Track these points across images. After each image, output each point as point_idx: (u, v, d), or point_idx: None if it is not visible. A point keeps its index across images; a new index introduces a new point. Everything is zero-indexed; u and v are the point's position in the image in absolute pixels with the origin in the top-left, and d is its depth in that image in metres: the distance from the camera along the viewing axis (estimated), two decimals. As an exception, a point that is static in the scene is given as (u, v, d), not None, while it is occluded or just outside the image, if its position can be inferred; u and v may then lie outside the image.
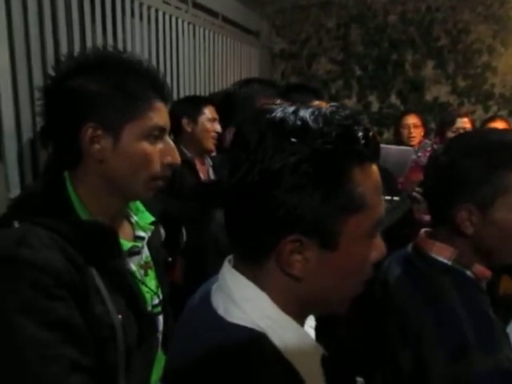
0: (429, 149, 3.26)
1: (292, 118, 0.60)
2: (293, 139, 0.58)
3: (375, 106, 4.62)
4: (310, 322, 0.82)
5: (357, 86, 4.67)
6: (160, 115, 0.90)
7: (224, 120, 1.35)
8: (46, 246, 0.79)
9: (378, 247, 0.66)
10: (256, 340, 0.60)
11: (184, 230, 1.84)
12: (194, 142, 2.34)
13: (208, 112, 2.37)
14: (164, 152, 0.91)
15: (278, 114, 0.62)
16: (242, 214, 0.62)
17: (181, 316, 0.74)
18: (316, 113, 0.60)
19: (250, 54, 4.50)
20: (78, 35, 2.25)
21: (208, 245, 1.18)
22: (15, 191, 1.95)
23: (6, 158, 1.95)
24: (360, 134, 0.59)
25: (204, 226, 1.21)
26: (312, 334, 0.81)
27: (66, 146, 0.89)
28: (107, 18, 2.46)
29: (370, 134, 0.61)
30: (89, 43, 2.29)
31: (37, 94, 0.94)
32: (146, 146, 0.88)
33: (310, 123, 0.59)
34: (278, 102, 1.23)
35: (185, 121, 2.34)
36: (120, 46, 2.53)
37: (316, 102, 1.57)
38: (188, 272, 1.23)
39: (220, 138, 2.20)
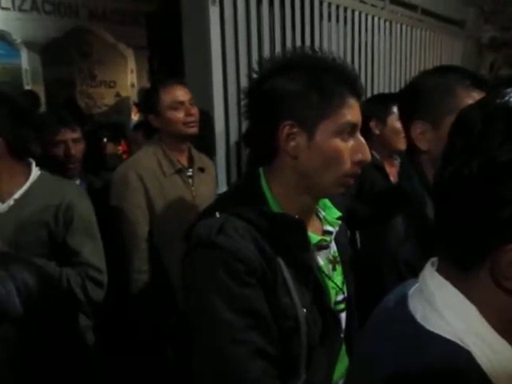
0: None
1: None
2: None
3: None
4: None
5: None
6: (352, 112, 0.89)
7: (407, 113, 1.17)
8: (239, 235, 0.83)
9: None
10: (462, 358, 0.52)
11: (358, 236, 1.76)
12: (384, 144, 2.24)
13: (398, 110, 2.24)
14: (355, 149, 0.89)
15: None
16: (454, 211, 0.54)
17: (370, 318, 0.70)
18: None
19: (452, 46, 4.13)
20: (280, 39, 2.39)
21: (383, 259, 1.08)
22: (222, 188, 2.18)
23: (216, 159, 2.19)
24: None
25: (380, 236, 1.11)
26: None
27: (264, 143, 0.94)
28: (306, 22, 2.57)
29: None
30: (289, 46, 2.42)
31: (243, 98, 1.02)
32: (338, 142, 0.88)
33: None
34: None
35: (373, 123, 2.27)
36: (317, 46, 2.61)
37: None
38: (361, 283, 1.14)
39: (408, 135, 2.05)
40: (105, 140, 2.84)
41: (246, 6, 2.26)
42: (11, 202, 1.31)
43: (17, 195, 1.32)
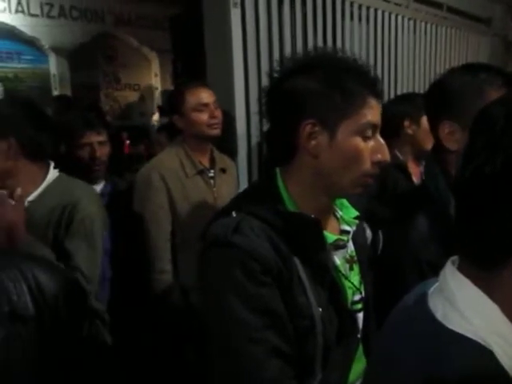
0: None
1: None
2: None
3: None
4: None
5: None
6: (373, 112, 0.89)
7: (435, 112, 1.13)
8: (255, 235, 0.84)
9: None
10: (483, 358, 0.51)
11: (381, 234, 1.74)
12: (414, 145, 2.20)
13: None
14: (375, 149, 0.90)
15: None
16: (476, 209, 0.53)
17: (389, 317, 0.69)
18: None
19: (478, 44, 4.05)
20: (301, 40, 2.39)
21: (405, 259, 1.07)
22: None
23: (237, 159, 2.21)
24: None
25: (403, 236, 1.09)
26: None
27: (284, 142, 0.94)
28: (327, 22, 2.56)
29: None
30: (310, 47, 2.41)
31: (264, 96, 1.02)
32: (359, 142, 0.88)
33: None
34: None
35: (407, 123, 2.22)
36: (339, 46, 2.60)
37: None
38: (382, 283, 1.12)
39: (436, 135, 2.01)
40: (127, 142, 2.89)
41: (268, 8, 2.27)
42: (25, 203, 1.31)
43: (31, 197, 1.33)
